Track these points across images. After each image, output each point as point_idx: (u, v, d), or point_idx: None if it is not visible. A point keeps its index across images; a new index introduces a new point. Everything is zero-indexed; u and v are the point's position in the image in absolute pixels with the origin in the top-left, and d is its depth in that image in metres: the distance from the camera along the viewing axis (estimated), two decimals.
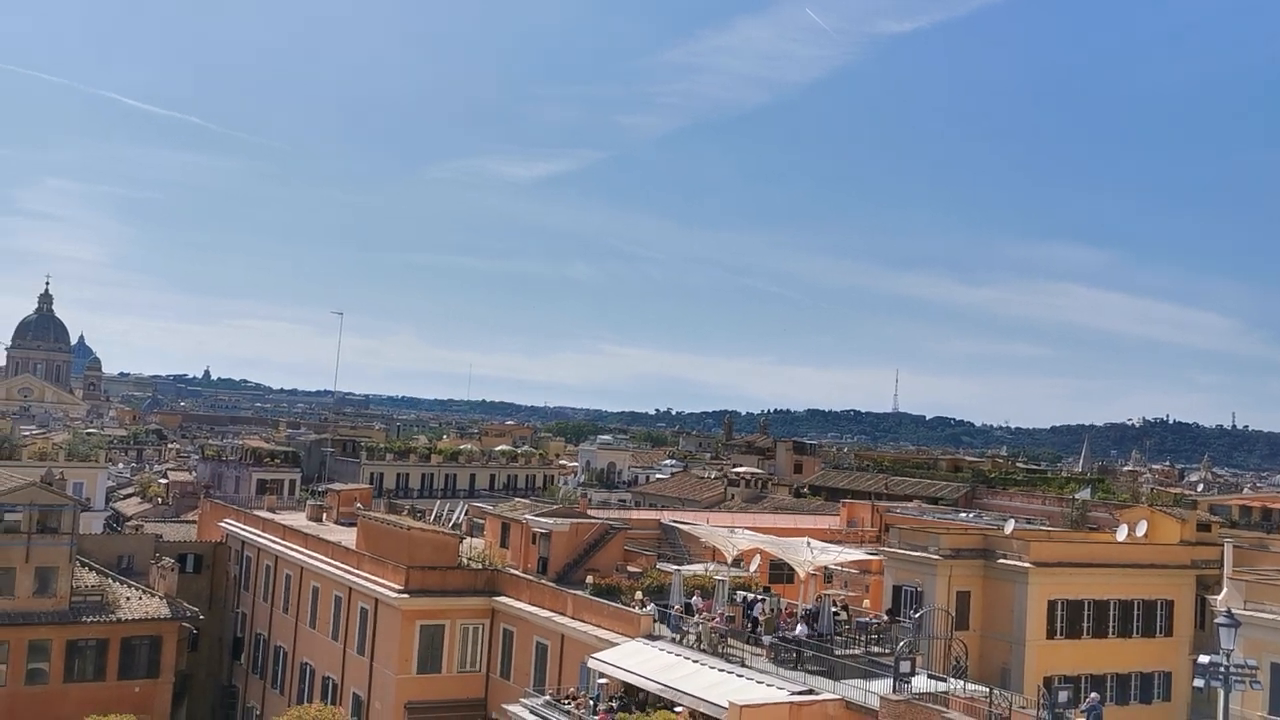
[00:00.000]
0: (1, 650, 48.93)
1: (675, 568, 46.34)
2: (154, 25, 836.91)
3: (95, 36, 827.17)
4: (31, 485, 52.45)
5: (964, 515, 70.47)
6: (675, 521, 60.70)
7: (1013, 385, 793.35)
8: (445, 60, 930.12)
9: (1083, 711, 29.88)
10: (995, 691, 31.59)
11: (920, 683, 32.39)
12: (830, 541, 48.69)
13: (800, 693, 32.75)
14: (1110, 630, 51.01)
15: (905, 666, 32.14)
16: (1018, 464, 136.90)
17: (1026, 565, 48.69)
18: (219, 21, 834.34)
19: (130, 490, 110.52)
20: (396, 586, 47.60)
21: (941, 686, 32.44)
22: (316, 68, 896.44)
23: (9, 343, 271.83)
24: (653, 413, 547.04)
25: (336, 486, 76.82)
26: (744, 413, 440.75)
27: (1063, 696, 29.19)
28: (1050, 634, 49.14)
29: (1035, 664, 47.86)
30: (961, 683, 33.50)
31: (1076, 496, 76.11)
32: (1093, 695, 33.38)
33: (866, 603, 48.68)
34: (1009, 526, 56.72)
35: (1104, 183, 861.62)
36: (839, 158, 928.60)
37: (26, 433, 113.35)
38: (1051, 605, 49.24)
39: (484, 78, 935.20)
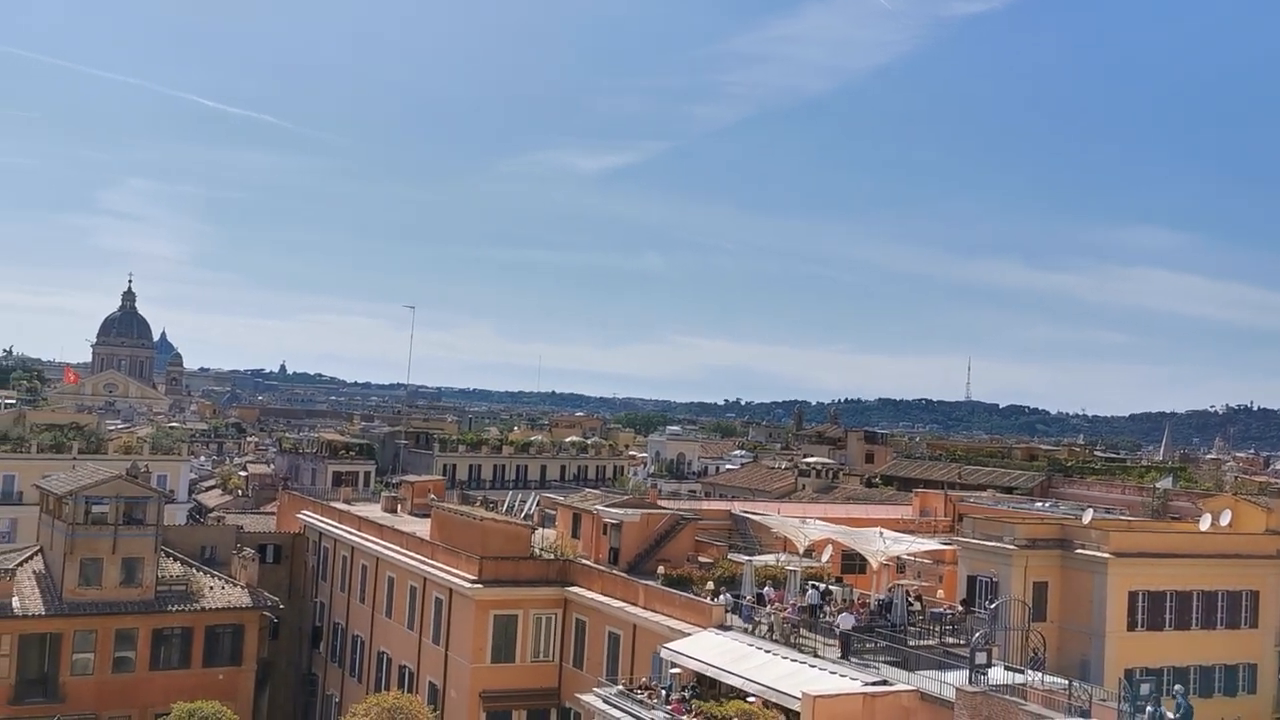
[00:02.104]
0: (90, 639, 50.41)
1: (747, 558, 46.23)
2: (229, 27, 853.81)
3: (173, 40, 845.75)
4: (118, 478, 53.92)
5: (1040, 505, 69.27)
6: (746, 512, 60.55)
7: (1090, 372, 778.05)
8: (513, 54, 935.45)
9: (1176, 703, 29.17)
10: (1074, 684, 31.07)
11: (997, 674, 32.00)
12: (903, 531, 48.21)
13: (874, 683, 32.53)
14: (1193, 622, 49.84)
15: (981, 658, 31.77)
16: (1095, 452, 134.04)
17: (1106, 556, 47.74)
18: (291, 22, 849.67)
19: (211, 483, 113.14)
20: (470, 577, 48.14)
21: (1019, 678, 32.01)
22: (387, 65, 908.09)
23: (95, 340, 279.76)
24: (722, 403, 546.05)
25: (410, 478, 77.87)
26: (814, 403, 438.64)
27: (1145, 689, 28.58)
28: (1131, 626, 48.15)
29: (1116, 656, 46.92)
30: (1039, 675, 33.01)
31: (1157, 485, 74.44)
32: (1177, 688, 32.69)
33: (940, 593, 48.14)
34: (1087, 516, 55.65)
35: (1182, 164, 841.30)
36: (908, 143, 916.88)
37: (112, 427, 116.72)
38: (1132, 596, 48.23)
39: (552, 70, 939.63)
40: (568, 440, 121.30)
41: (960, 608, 42.11)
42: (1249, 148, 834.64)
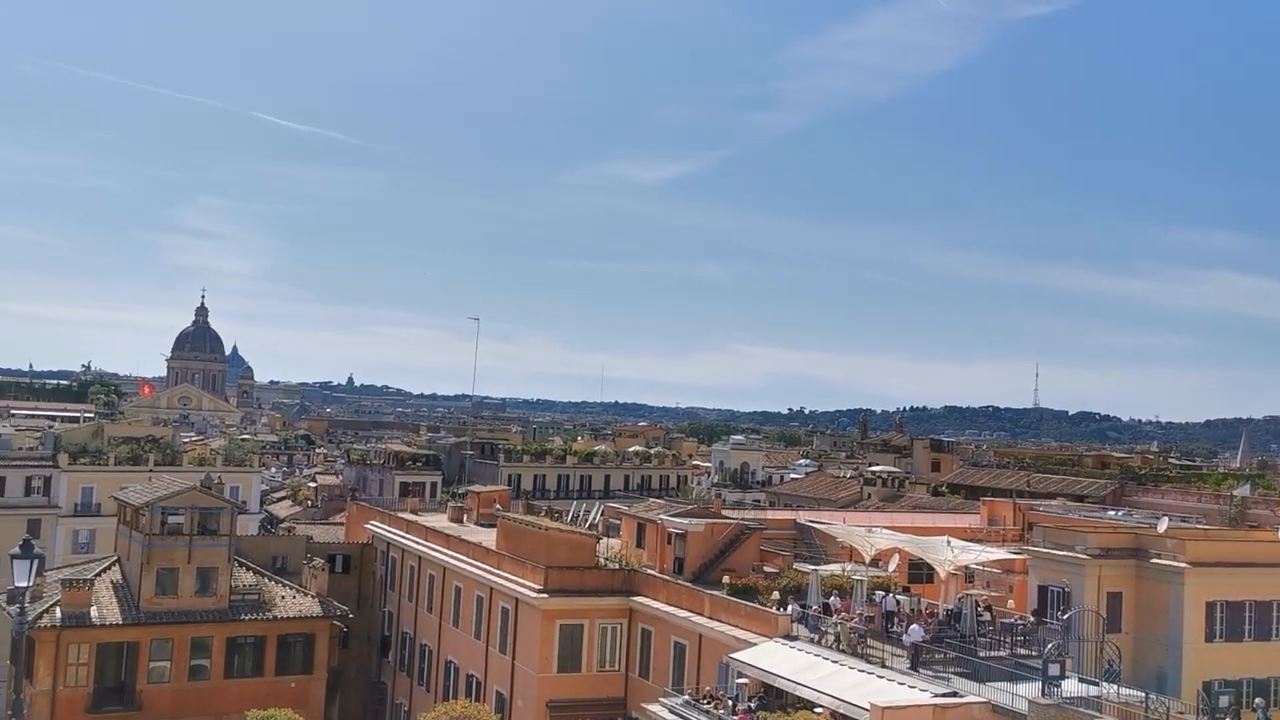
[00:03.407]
0: (166, 647, 51.40)
1: (812, 568, 45.94)
2: (296, 47, 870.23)
3: (243, 60, 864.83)
4: (192, 489, 55.03)
5: (1113, 513, 68.00)
6: (811, 521, 60.20)
7: (1163, 378, 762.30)
8: (575, 66, 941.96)
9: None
10: (1151, 696, 30.44)
11: (1070, 686, 31.43)
12: (970, 540, 47.60)
13: (944, 695, 32.13)
14: (1274, 633, 48.49)
15: (1054, 669, 31.24)
16: (1169, 460, 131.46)
17: (1182, 565, 46.66)
18: (357, 40, 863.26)
19: (282, 493, 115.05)
20: (536, 586, 48.37)
21: (1093, 691, 31.42)
22: (450, 80, 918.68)
23: (169, 354, 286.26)
24: (785, 412, 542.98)
25: (476, 488, 78.42)
26: (879, 411, 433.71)
27: (1224, 701, 27.93)
28: (1209, 637, 46.98)
29: (1193, 668, 45.80)
30: (1115, 687, 32.37)
31: (1235, 493, 72.75)
32: (1257, 700, 31.88)
33: (1011, 603, 47.42)
34: (1162, 525, 54.47)
35: (1255, 165, 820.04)
36: (972, 148, 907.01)
37: (186, 440, 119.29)
38: (1210, 606, 47.06)
39: (613, 82, 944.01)
40: (631, 450, 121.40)
41: (1032, 618, 41.45)
42: None
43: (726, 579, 45.87)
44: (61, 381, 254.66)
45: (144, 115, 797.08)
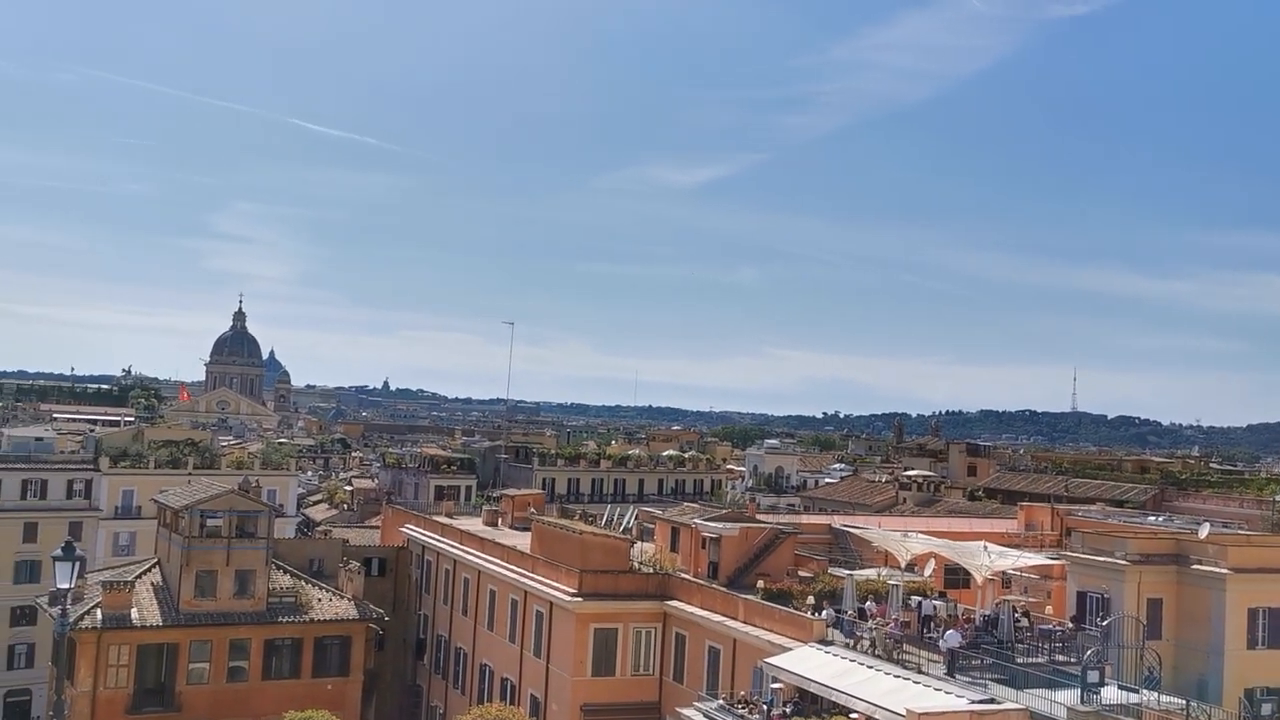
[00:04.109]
0: (206, 649, 51.91)
1: (847, 572, 45.70)
2: (328, 52, 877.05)
3: (275, 66, 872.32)
4: (230, 493, 55.54)
5: (1153, 519, 67.23)
6: (846, 526, 59.92)
7: (1204, 382, 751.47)
8: (606, 70, 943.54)
9: None
10: (1192, 704, 30.07)
11: (1110, 694, 31.12)
12: (1008, 546, 47.18)
13: (981, 701, 31.86)
14: None
15: (1094, 676, 30.94)
16: (1211, 464, 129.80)
17: (1224, 571, 46.01)
18: (389, 46, 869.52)
19: (318, 497, 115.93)
20: (570, 590, 48.46)
21: (1134, 698, 31.08)
22: (482, 84, 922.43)
23: (208, 359, 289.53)
24: (820, 416, 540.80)
25: (510, 492, 78.75)
26: (914, 415, 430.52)
27: (1266, 709, 27.53)
28: (1251, 644, 46.25)
29: (1235, 675, 45.13)
30: (1155, 694, 32.00)
31: (1277, 498, 71.68)
32: None
33: (1049, 609, 46.97)
34: (1204, 530, 53.72)
35: None
36: (1008, 150, 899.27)
37: (224, 443, 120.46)
38: (1252, 613, 46.36)
39: (644, 85, 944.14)
40: (665, 454, 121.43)
41: (1070, 624, 41.02)
42: None
43: (761, 583, 45.76)
44: (102, 385, 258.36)
45: (180, 122, 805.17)
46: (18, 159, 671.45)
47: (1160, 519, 67.11)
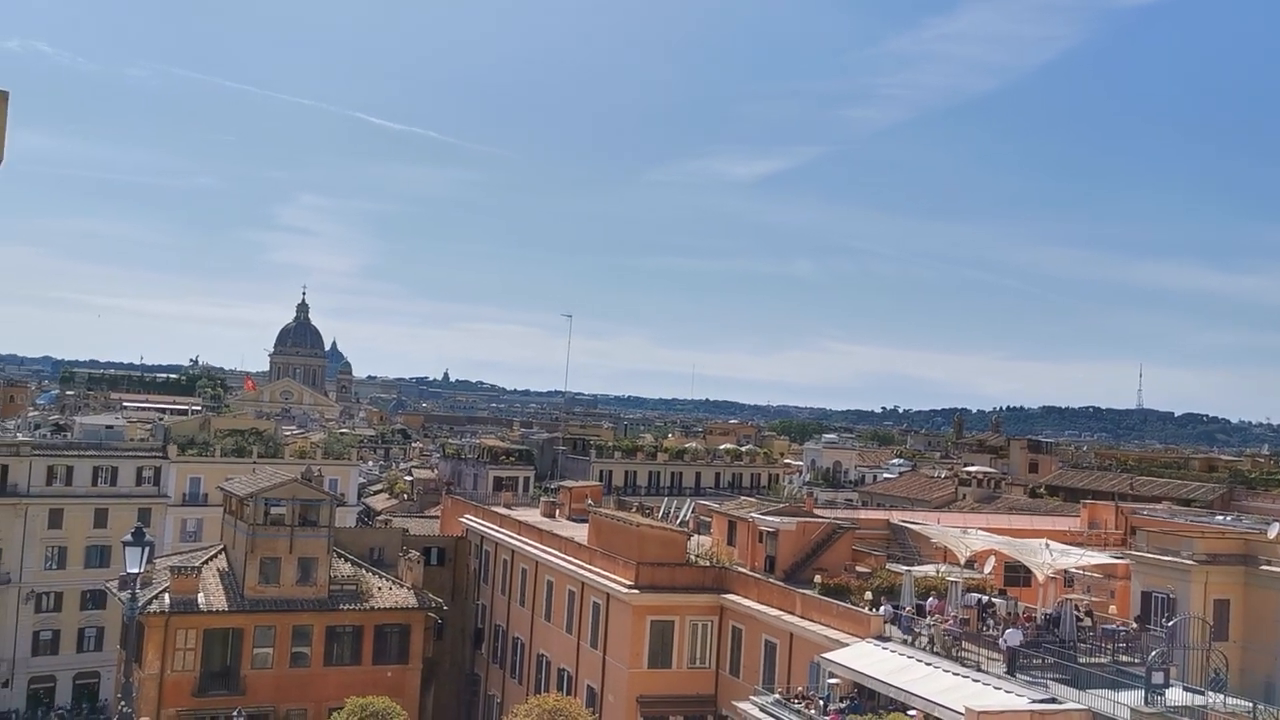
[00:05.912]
0: (270, 634, 52.88)
1: (906, 568, 45.35)
2: (393, 48, 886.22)
3: (341, 60, 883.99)
4: (293, 482, 56.44)
5: (1221, 518, 65.77)
6: (905, 521, 59.41)
7: (1274, 378, 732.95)
8: (666, 63, 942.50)
9: None
10: (1259, 707, 29.46)
11: (1175, 695, 30.55)
12: (1070, 544, 46.50)
13: (1042, 701, 31.48)
14: None
15: (1158, 677, 30.40)
16: None
17: None
18: (451, 41, 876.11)
19: (379, 487, 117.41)
20: (627, 582, 48.61)
21: (1199, 700, 30.51)
22: (543, 79, 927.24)
23: (272, 350, 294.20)
24: (879, 411, 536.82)
25: (568, 483, 79.10)
26: (975, 410, 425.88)
27: None
28: None
29: None
30: (1221, 697, 31.38)
31: None
32: None
33: (1112, 609, 46.21)
34: (1273, 530, 52.49)
35: None
36: (1074, 142, 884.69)
37: (288, 433, 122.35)
38: None
39: (705, 78, 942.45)
40: (722, 447, 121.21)
41: (1134, 624, 40.34)
42: None
43: (818, 578, 45.56)
44: (171, 375, 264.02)
45: (246, 116, 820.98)
46: (89, 152, 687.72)
47: (1228, 518, 65.67)
